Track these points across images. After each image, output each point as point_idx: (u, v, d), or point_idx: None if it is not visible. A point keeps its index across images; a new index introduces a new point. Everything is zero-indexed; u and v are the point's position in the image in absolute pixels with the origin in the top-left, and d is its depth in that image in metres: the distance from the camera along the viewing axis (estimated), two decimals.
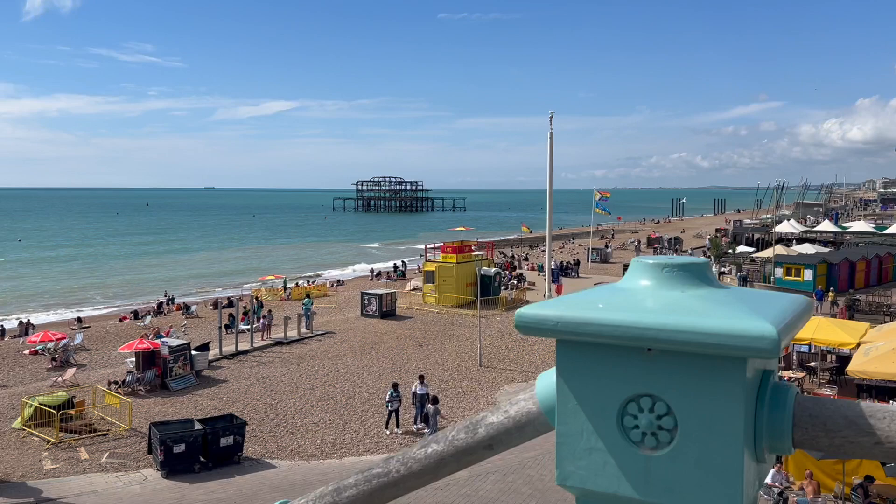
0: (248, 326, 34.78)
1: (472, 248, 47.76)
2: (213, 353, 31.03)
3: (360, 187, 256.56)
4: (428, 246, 48.45)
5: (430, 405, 22.69)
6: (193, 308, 45.12)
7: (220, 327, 32.77)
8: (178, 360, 27.24)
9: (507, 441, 1.22)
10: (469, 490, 18.37)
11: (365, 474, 1.34)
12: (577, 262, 58.61)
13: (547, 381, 1.17)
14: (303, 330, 35.96)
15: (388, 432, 22.89)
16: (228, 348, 32.07)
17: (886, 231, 72.10)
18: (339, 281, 62.27)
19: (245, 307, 39.26)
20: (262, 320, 35.68)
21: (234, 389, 27.14)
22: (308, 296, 42.05)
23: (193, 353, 28.44)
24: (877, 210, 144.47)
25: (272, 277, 53.01)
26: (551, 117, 37.59)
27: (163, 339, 28.90)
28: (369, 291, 42.57)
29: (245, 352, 32.21)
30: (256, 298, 41.99)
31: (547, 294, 39.06)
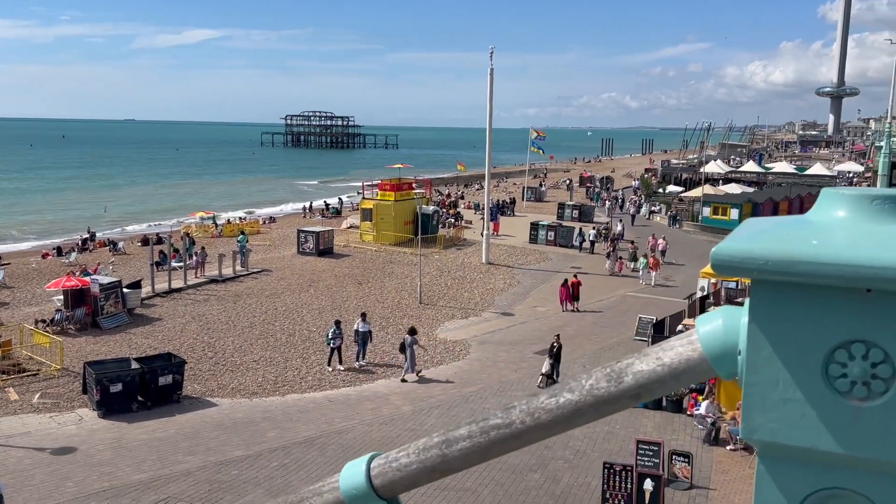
0: (181, 264, 33.84)
1: (412, 185, 47.42)
2: (146, 290, 30.18)
3: (289, 122, 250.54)
4: (365, 183, 47.84)
5: (407, 335, 22.56)
6: (121, 245, 43.61)
7: (152, 264, 31.83)
8: (109, 298, 26.38)
9: (657, 390, 1.09)
10: (414, 424, 18.59)
11: (480, 425, 1.19)
12: (513, 201, 59.01)
13: (712, 325, 1.03)
14: (238, 267, 35.25)
15: (330, 369, 22.87)
16: (161, 286, 31.23)
17: (807, 172, 74.92)
18: (271, 218, 61.08)
19: (175, 245, 38.12)
20: (194, 257, 34.78)
21: (170, 328, 26.55)
22: (243, 233, 41.12)
23: (125, 290, 27.59)
24: (797, 152, 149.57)
25: (202, 214, 51.61)
26: (491, 53, 37.21)
27: (92, 277, 27.90)
28: (306, 229, 41.93)
29: (179, 289, 31.43)
30: (188, 235, 40.80)
31: (486, 231, 39.31)
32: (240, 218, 58.06)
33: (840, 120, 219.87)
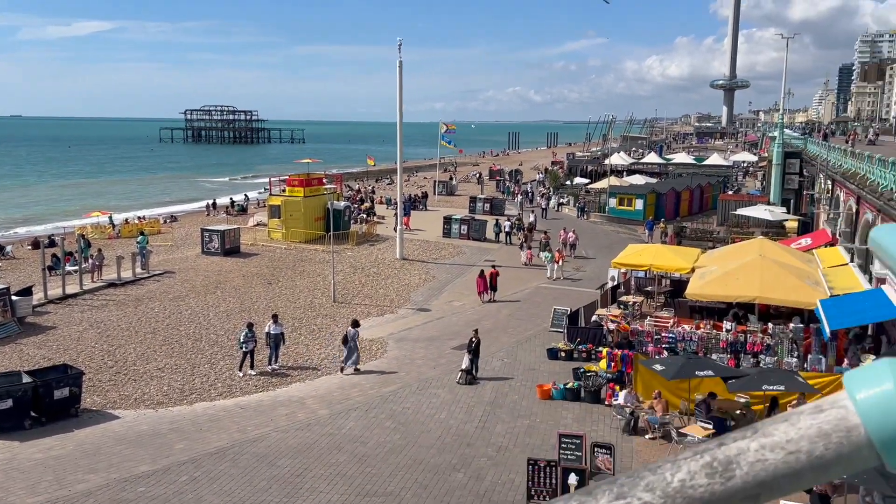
0: (76, 268, 31.84)
1: (322, 181, 46.32)
2: (38, 297, 28.15)
3: (189, 117, 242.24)
4: (273, 178, 46.44)
5: (350, 328, 22.43)
6: (8, 249, 40.74)
7: (44, 269, 29.77)
8: None
9: (787, 486, 0.72)
10: (332, 429, 17.96)
11: None
12: (425, 195, 58.75)
13: (879, 389, 0.69)
14: (138, 270, 33.48)
15: (241, 374, 21.89)
16: (55, 292, 29.23)
17: (705, 162, 77.81)
18: (172, 217, 58.52)
19: (68, 247, 35.86)
20: (90, 260, 32.80)
21: (65, 336, 24.86)
22: (142, 233, 39.10)
23: (14, 297, 25.63)
24: (694, 143, 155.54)
25: (98, 214, 48.93)
26: (399, 45, 36.70)
27: None
28: (210, 228, 40.29)
29: (74, 295, 29.51)
30: (83, 237, 38.48)
31: (399, 227, 38.79)
32: (138, 217, 55.38)
33: (733, 111, 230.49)
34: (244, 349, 21.86)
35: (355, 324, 22.84)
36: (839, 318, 18.21)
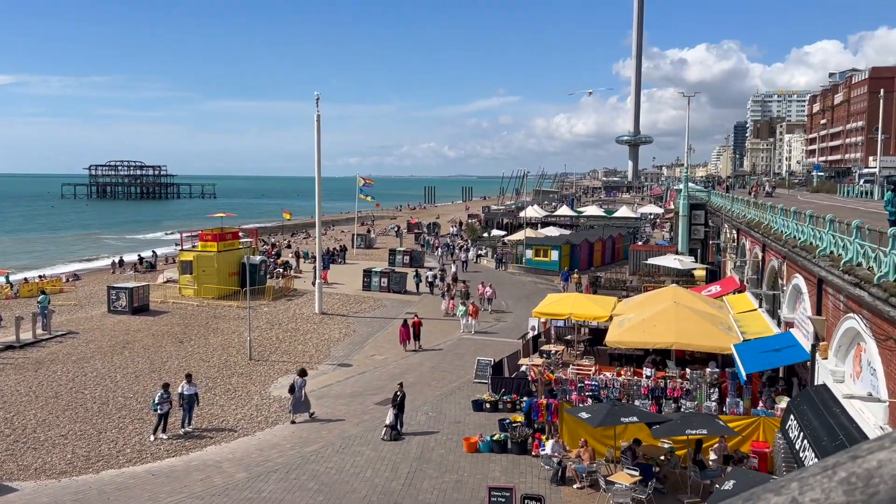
0: None
1: (238, 234, 45.19)
2: None
3: (93, 172, 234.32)
4: (184, 234, 45.07)
5: (297, 377, 22.71)
6: None
7: None
8: None
9: None
10: (252, 493, 17.11)
11: None
12: (344, 249, 58.19)
13: None
14: (39, 331, 31.59)
15: (153, 438, 20.69)
16: None
17: (614, 215, 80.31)
18: (75, 276, 55.78)
19: None
20: None
21: None
22: (43, 292, 37.04)
23: None
24: (602, 196, 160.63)
25: None
26: (317, 99, 36.68)
27: None
28: (117, 285, 38.57)
29: None
30: None
31: (318, 280, 38.14)
32: (39, 276, 52.57)
33: (638, 166, 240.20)
34: (159, 411, 20.71)
35: (302, 373, 23.16)
36: (753, 361, 18.78)
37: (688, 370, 21.72)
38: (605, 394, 20.91)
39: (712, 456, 17.04)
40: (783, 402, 18.27)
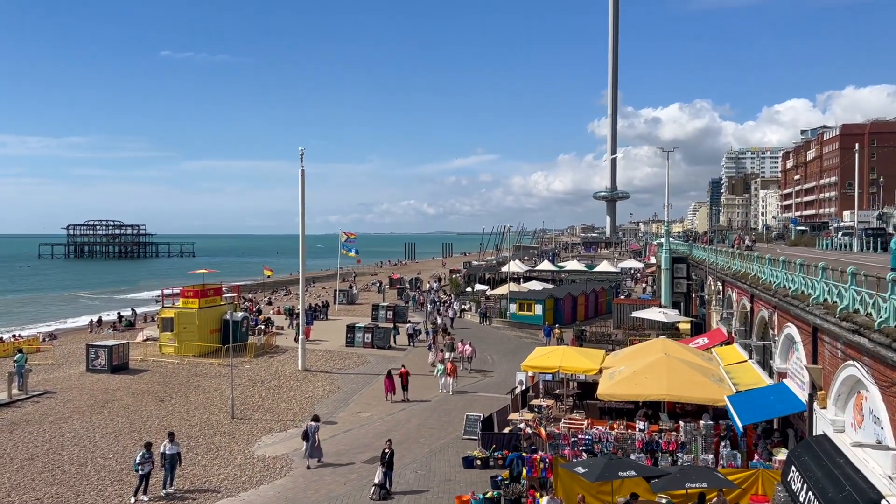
0: None
1: (221, 290, 44.63)
2: None
3: (71, 232, 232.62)
4: (165, 291, 44.44)
5: (311, 422, 23.39)
6: None
7: None
8: None
9: None
10: None
11: None
12: (326, 305, 57.68)
13: None
14: (14, 391, 30.67)
15: (133, 501, 19.91)
16: None
17: (596, 269, 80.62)
18: (51, 335, 54.66)
19: None
20: None
21: None
22: (20, 351, 36.10)
23: None
24: (581, 252, 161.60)
25: None
26: (301, 154, 36.74)
27: None
28: (96, 343, 37.75)
29: None
30: None
31: (301, 337, 37.61)
32: (14, 335, 51.43)
33: (616, 222, 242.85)
34: (140, 472, 19.98)
35: (315, 418, 23.92)
36: (749, 412, 18.57)
37: (681, 423, 21.45)
38: (599, 448, 20.54)
39: None
40: (781, 454, 18.02)
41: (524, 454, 20.82)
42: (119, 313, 60.71)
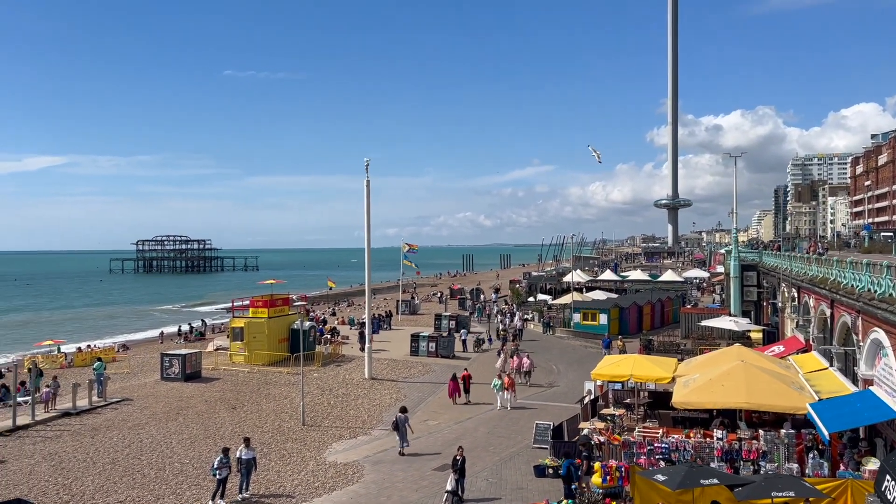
0: (27, 398, 30.01)
1: (289, 300, 45.39)
2: None
3: (140, 247, 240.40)
4: (235, 301, 45.43)
5: (400, 413, 25.30)
6: None
7: None
8: None
9: None
10: None
11: None
12: (389, 314, 58.21)
13: None
14: (94, 398, 31.72)
15: None
16: (4, 424, 27.35)
17: (660, 279, 79.22)
18: (124, 346, 56.47)
19: (20, 376, 33.96)
20: (46, 389, 30.99)
21: (15, 471, 22.95)
22: (99, 359, 37.38)
23: None
24: (643, 262, 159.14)
25: (50, 342, 46.89)
26: (367, 165, 37.12)
27: None
28: (170, 352, 38.78)
29: (25, 426, 27.60)
30: (35, 365, 36.55)
31: (367, 345, 37.91)
32: (87, 346, 53.25)
33: (678, 231, 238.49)
34: (217, 476, 20.37)
35: (404, 410, 25.73)
36: (835, 421, 17.87)
37: (761, 431, 20.81)
38: (676, 457, 20.07)
39: None
40: (870, 464, 17.31)
41: (576, 461, 20.46)
42: (189, 324, 62.35)
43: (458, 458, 20.79)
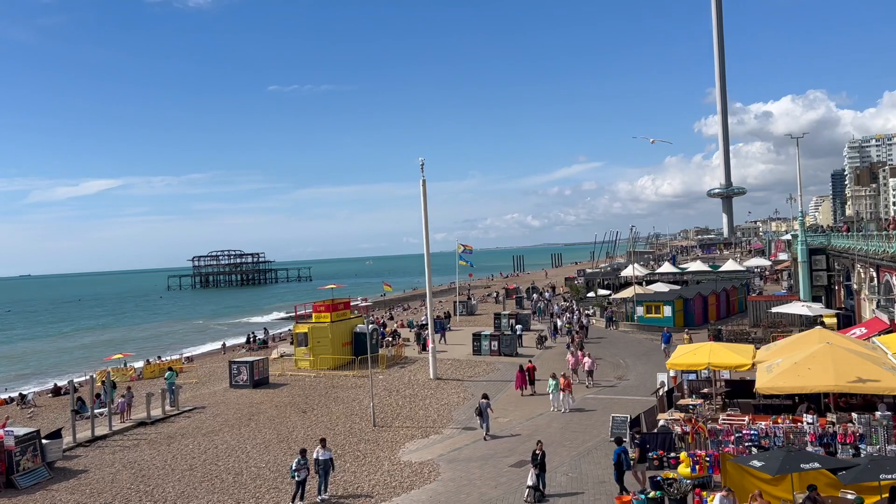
0: (104, 409, 30.58)
1: (350, 304, 45.51)
2: (67, 441, 26.79)
3: (196, 263, 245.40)
4: (298, 307, 45.77)
5: (482, 400, 26.92)
6: (29, 397, 39.54)
7: (73, 411, 28.51)
8: (26, 452, 23.05)
9: None
10: None
11: None
12: (448, 315, 58.08)
13: None
14: (168, 407, 32.18)
15: None
16: (83, 434, 27.92)
17: (721, 269, 77.35)
18: (189, 358, 57.46)
19: (97, 388, 34.70)
20: (121, 400, 31.57)
21: (98, 479, 23.32)
22: (170, 369, 38.00)
23: (44, 441, 24.29)
24: (700, 254, 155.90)
25: (119, 356, 47.92)
26: (422, 165, 36.98)
27: (5, 430, 24.46)
28: (238, 360, 39.21)
29: (104, 436, 28.12)
30: (108, 377, 37.31)
31: (432, 346, 37.73)
32: (158, 357, 54.31)
33: (733, 221, 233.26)
34: (297, 478, 20.31)
35: (485, 396, 27.45)
36: None
37: (854, 415, 19.90)
38: (766, 443, 19.30)
39: None
40: None
41: (626, 451, 19.69)
42: (252, 332, 63.19)
43: (537, 452, 20.35)
